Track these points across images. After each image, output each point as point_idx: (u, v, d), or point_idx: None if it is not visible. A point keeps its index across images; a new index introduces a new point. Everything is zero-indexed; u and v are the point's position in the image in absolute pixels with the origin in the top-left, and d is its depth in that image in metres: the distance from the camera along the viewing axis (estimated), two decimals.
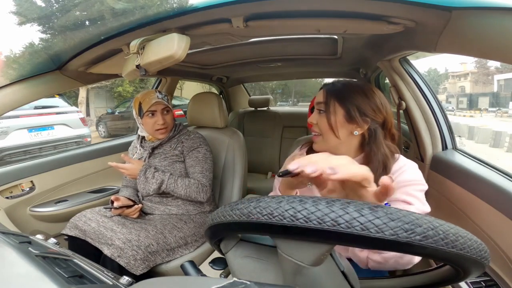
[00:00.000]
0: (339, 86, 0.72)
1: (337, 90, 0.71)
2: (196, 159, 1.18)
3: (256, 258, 0.40)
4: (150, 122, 1.16)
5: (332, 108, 0.70)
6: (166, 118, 1.18)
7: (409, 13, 0.60)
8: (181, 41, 0.66)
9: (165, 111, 1.18)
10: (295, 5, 0.63)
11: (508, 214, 0.62)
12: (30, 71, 0.94)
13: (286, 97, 20.64)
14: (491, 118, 12.68)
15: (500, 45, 0.46)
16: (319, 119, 0.73)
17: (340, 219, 0.27)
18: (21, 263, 0.37)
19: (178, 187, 1.10)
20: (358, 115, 0.68)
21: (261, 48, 1.34)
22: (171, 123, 1.21)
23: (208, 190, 1.15)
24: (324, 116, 0.71)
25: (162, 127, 1.16)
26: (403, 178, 0.65)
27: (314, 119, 0.74)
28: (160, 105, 1.16)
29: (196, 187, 1.12)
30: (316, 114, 0.74)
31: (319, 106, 0.73)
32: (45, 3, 0.73)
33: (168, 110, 1.19)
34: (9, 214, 1.14)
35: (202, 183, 1.14)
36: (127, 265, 0.91)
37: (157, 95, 1.16)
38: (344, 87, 0.72)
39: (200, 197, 1.13)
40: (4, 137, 4.02)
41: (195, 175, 1.16)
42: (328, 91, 0.72)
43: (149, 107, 1.13)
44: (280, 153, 2.29)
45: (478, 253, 0.29)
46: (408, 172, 0.67)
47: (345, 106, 0.69)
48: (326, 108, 0.71)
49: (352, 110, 0.68)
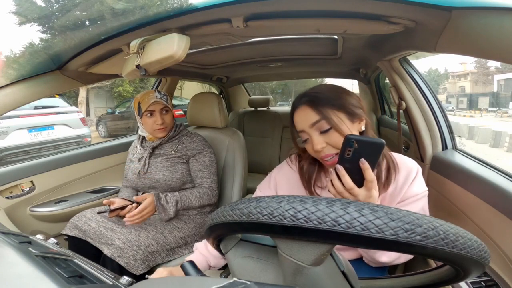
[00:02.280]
0: (315, 95, 0.64)
1: (322, 98, 0.63)
2: (204, 164, 1.19)
3: (256, 258, 0.40)
4: (149, 122, 1.16)
5: (335, 117, 0.61)
6: (165, 118, 1.18)
7: (409, 13, 0.60)
8: (181, 41, 0.66)
9: (164, 110, 1.18)
10: (295, 5, 0.63)
11: (508, 214, 0.62)
12: (30, 71, 0.94)
13: (286, 97, 20.63)
14: (491, 118, 12.68)
15: (500, 45, 0.46)
16: (327, 139, 0.62)
17: (341, 219, 0.27)
18: (21, 263, 0.37)
19: (192, 201, 1.12)
20: (356, 109, 0.64)
21: (261, 48, 1.34)
22: (170, 123, 1.20)
23: (217, 193, 1.21)
24: (332, 132, 0.62)
25: (160, 127, 1.16)
26: (414, 191, 0.64)
27: (321, 143, 0.62)
28: (158, 104, 1.16)
29: (207, 195, 1.15)
30: (319, 137, 0.63)
31: (316, 127, 0.63)
32: (45, 3, 0.73)
33: (167, 110, 1.19)
34: (9, 214, 1.13)
35: (212, 188, 1.18)
36: (127, 265, 0.91)
37: (155, 95, 1.16)
38: (321, 92, 0.65)
39: (212, 201, 1.18)
40: (4, 137, 4.02)
41: (204, 179, 1.18)
42: (314, 106, 0.63)
43: (147, 107, 1.14)
44: (280, 153, 2.29)
45: (478, 253, 0.29)
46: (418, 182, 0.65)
47: (342, 107, 0.63)
48: (329, 123, 0.61)
49: (349, 107, 0.63)
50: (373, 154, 0.51)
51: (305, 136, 0.65)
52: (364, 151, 0.51)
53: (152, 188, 1.18)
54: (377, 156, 0.52)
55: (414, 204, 0.64)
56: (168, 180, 1.15)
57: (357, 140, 0.51)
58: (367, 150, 0.51)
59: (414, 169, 0.66)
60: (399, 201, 0.65)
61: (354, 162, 0.52)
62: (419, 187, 0.65)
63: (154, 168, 1.17)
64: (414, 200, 0.64)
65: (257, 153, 2.31)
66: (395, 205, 0.65)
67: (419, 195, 0.64)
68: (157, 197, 1.06)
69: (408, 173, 0.66)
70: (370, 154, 0.51)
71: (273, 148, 2.31)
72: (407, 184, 0.65)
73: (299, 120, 0.65)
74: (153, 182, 1.15)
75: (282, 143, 2.30)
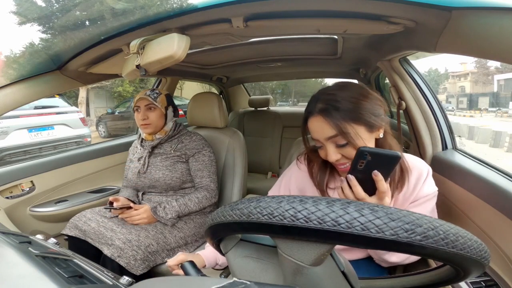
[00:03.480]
0: (333, 104, 0.59)
1: (339, 110, 0.58)
2: (203, 163, 1.19)
3: (256, 258, 0.40)
4: (137, 117, 1.19)
5: (353, 132, 0.58)
6: (149, 115, 1.16)
7: (409, 13, 0.60)
8: (181, 41, 0.66)
9: (148, 107, 1.17)
10: (295, 5, 0.63)
11: (508, 214, 0.62)
12: (30, 71, 0.94)
13: (286, 97, 20.65)
14: (491, 118, 12.68)
15: (500, 45, 0.46)
16: (343, 152, 0.60)
17: (341, 219, 0.27)
18: (21, 263, 0.37)
19: (192, 208, 1.12)
20: (375, 119, 0.60)
21: (261, 48, 1.34)
22: (156, 121, 1.18)
23: (217, 193, 1.21)
24: (348, 147, 0.59)
25: (143, 122, 1.16)
26: (426, 192, 0.65)
27: (336, 155, 0.60)
28: (143, 101, 1.16)
29: (206, 198, 1.16)
30: (335, 150, 0.60)
31: (332, 141, 0.60)
32: (45, 3, 0.73)
33: (152, 107, 1.17)
34: (9, 214, 1.13)
35: (211, 188, 1.18)
36: (127, 265, 0.91)
37: (146, 92, 1.18)
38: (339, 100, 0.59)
39: (211, 202, 1.18)
40: (4, 137, 4.02)
41: (203, 179, 1.18)
42: (330, 118, 0.58)
43: (135, 103, 1.18)
44: (280, 153, 2.29)
45: (478, 253, 0.29)
46: (428, 182, 0.66)
47: (362, 120, 0.58)
48: (345, 138, 0.58)
49: (369, 118, 0.59)
50: (387, 166, 0.50)
51: (320, 144, 0.63)
52: (378, 163, 0.49)
53: (152, 187, 1.18)
54: (392, 168, 0.50)
55: (426, 204, 0.65)
56: (167, 179, 1.15)
57: (371, 152, 0.49)
58: (381, 162, 0.49)
59: (425, 170, 0.66)
60: (412, 201, 0.66)
61: (367, 172, 0.50)
62: (430, 187, 0.65)
63: (153, 167, 1.17)
64: (425, 200, 0.65)
65: (257, 153, 2.31)
66: (407, 206, 0.66)
67: (430, 195, 0.65)
68: (153, 210, 1.07)
69: (419, 174, 0.66)
70: (384, 166, 0.50)
71: (273, 148, 2.31)
72: (419, 185, 0.65)
73: (314, 130, 0.62)
74: (152, 181, 1.16)
75: (282, 143, 2.30)
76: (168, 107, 1.22)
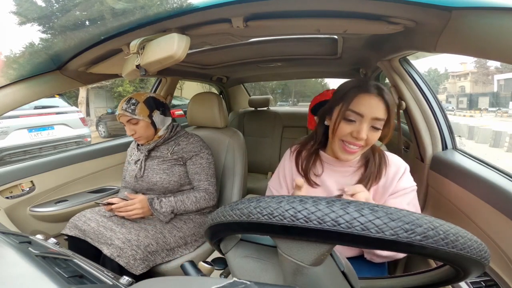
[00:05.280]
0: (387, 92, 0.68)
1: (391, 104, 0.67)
2: (201, 166, 1.17)
3: (256, 258, 0.40)
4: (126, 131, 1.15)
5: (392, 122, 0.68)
6: (136, 129, 1.11)
7: (409, 13, 0.60)
8: (181, 41, 0.66)
9: (131, 122, 1.11)
10: (295, 5, 0.63)
11: (508, 214, 0.62)
12: (30, 71, 0.94)
13: (286, 97, 20.65)
14: (491, 118, 12.68)
15: (500, 45, 0.46)
16: (370, 135, 0.67)
17: (341, 219, 0.27)
18: (21, 263, 0.37)
19: (188, 206, 1.11)
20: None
21: (261, 48, 1.34)
22: (144, 132, 1.13)
23: (215, 195, 1.19)
24: (378, 132, 0.68)
25: (133, 137, 1.14)
26: (403, 185, 0.73)
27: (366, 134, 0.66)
28: (123, 117, 1.11)
29: (205, 198, 1.14)
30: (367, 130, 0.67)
31: (374, 122, 0.67)
32: (45, 3, 0.73)
33: (134, 121, 1.11)
34: (9, 214, 1.13)
35: (210, 191, 1.17)
36: (127, 265, 0.91)
37: (122, 106, 1.10)
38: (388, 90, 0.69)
39: (210, 204, 1.17)
40: (4, 137, 4.01)
41: (201, 182, 1.17)
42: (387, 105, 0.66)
43: (119, 119, 1.13)
44: (280, 153, 2.29)
45: (478, 253, 0.29)
46: (406, 177, 0.73)
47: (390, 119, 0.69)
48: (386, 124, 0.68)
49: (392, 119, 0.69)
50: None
51: (356, 118, 0.67)
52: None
53: (150, 190, 1.17)
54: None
55: (404, 196, 0.72)
56: (165, 183, 1.14)
57: None
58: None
59: (403, 166, 0.75)
60: (391, 193, 0.73)
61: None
62: (407, 182, 0.73)
63: (150, 171, 1.16)
64: (404, 193, 0.72)
65: (257, 153, 2.31)
66: (387, 196, 0.73)
67: (408, 189, 0.73)
68: (150, 200, 1.06)
69: (397, 169, 0.74)
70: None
71: (273, 148, 2.31)
72: (397, 179, 0.73)
73: (368, 105, 0.65)
74: (150, 184, 1.15)
75: (282, 143, 2.30)
76: (153, 113, 1.13)
